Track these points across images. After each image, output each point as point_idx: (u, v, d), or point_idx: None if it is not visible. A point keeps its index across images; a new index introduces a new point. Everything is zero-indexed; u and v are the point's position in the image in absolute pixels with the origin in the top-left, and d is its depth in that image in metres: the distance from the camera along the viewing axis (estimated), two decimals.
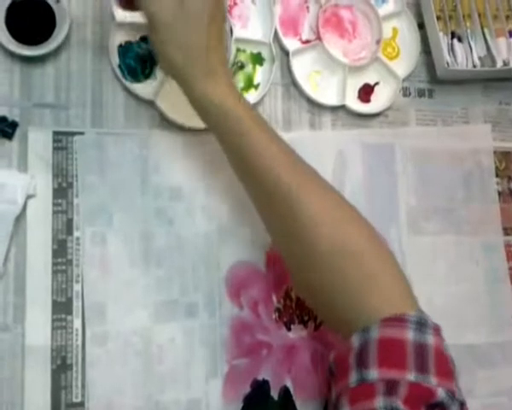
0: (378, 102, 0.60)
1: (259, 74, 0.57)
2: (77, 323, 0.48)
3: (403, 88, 0.61)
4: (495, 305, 0.58)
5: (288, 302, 0.53)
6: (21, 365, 0.46)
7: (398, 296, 0.41)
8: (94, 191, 0.50)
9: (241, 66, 0.56)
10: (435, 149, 0.60)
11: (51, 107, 0.51)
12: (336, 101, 0.58)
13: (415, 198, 0.59)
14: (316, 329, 0.53)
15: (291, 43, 0.58)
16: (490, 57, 0.62)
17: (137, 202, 0.51)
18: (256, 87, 0.56)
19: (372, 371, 0.36)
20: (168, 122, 0.53)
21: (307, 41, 0.59)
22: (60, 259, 0.48)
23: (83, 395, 0.47)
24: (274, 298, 0.53)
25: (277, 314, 0.52)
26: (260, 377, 0.51)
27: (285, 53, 0.58)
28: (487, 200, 0.61)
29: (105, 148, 0.51)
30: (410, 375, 0.36)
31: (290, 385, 0.51)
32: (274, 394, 0.51)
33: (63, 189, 0.50)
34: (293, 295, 0.53)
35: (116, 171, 0.51)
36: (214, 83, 0.43)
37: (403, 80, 0.61)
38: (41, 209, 0.49)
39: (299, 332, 0.53)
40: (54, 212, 0.49)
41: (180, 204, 0.52)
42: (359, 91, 0.59)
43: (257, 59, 0.57)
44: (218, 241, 0.52)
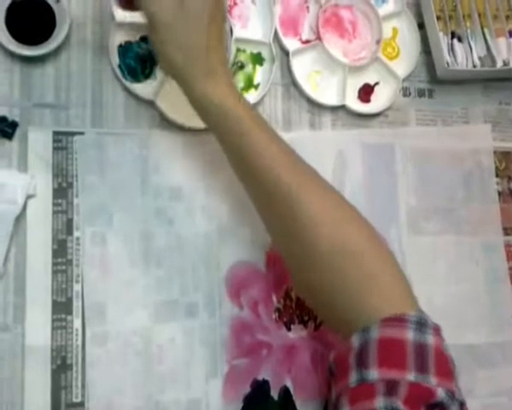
0: (378, 102, 0.60)
1: (259, 74, 0.56)
2: (77, 323, 0.48)
3: (403, 88, 0.61)
4: (495, 305, 0.58)
5: (288, 302, 0.53)
6: (21, 365, 0.46)
7: (398, 296, 0.41)
8: (94, 191, 0.50)
9: (241, 66, 0.56)
10: (435, 149, 0.60)
11: (51, 107, 0.51)
12: (336, 101, 0.58)
13: (415, 198, 0.58)
14: (316, 329, 0.53)
15: (291, 43, 0.58)
16: (490, 57, 0.62)
17: (137, 202, 0.51)
18: (256, 87, 0.56)
19: (372, 371, 0.36)
20: (168, 122, 0.53)
21: (307, 41, 0.59)
22: (60, 259, 0.48)
23: (83, 395, 0.47)
24: (274, 298, 0.53)
25: (277, 314, 0.52)
26: (260, 377, 0.51)
27: (285, 53, 0.58)
28: (487, 200, 0.61)
29: (105, 148, 0.51)
30: (410, 375, 0.36)
31: (290, 385, 0.51)
32: (274, 394, 0.51)
33: (63, 189, 0.50)
34: (293, 295, 0.53)
35: (116, 171, 0.51)
36: (214, 83, 0.43)
37: (403, 80, 0.61)
38: (41, 209, 0.49)
39: (299, 332, 0.53)
40: (54, 212, 0.49)
41: (180, 204, 0.52)
42: (359, 91, 0.59)
43: (257, 59, 0.57)
44: (218, 241, 0.52)
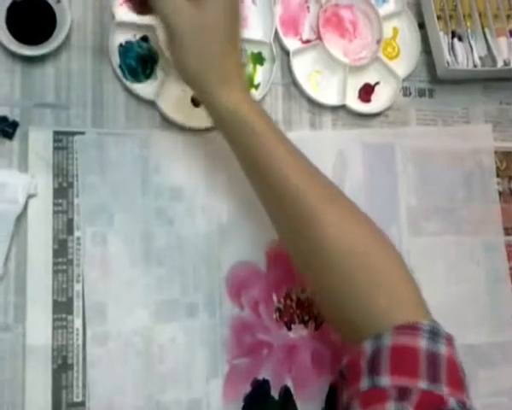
0: (378, 102, 0.60)
1: (260, 74, 0.56)
2: (77, 323, 0.48)
3: (403, 88, 0.61)
4: (495, 305, 0.58)
5: (289, 302, 0.53)
6: (22, 364, 0.46)
7: (409, 302, 0.41)
8: (94, 191, 0.50)
9: None
10: (436, 149, 0.60)
11: (52, 107, 0.51)
12: (337, 101, 0.58)
13: (415, 198, 0.58)
14: (316, 329, 0.53)
15: (291, 42, 0.58)
16: (490, 57, 0.62)
17: (138, 202, 0.51)
18: (256, 87, 0.56)
19: (384, 378, 0.36)
20: (169, 122, 0.53)
21: (308, 41, 0.59)
22: (60, 259, 0.48)
23: (84, 395, 0.47)
24: (274, 298, 0.53)
25: (278, 314, 0.52)
26: (261, 376, 0.51)
27: (285, 53, 0.58)
28: (488, 200, 0.61)
29: (105, 148, 0.51)
30: (422, 383, 0.36)
31: (291, 385, 0.51)
32: (274, 393, 0.51)
33: (64, 189, 0.50)
34: (293, 295, 0.53)
35: (117, 171, 0.51)
36: (229, 89, 0.43)
37: (403, 80, 0.61)
38: (42, 209, 0.49)
39: (299, 332, 0.53)
40: (54, 212, 0.49)
41: (181, 204, 0.52)
42: (360, 91, 0.59)
43: (257, 59, 0.57)
44: (219, 241, 0.52)
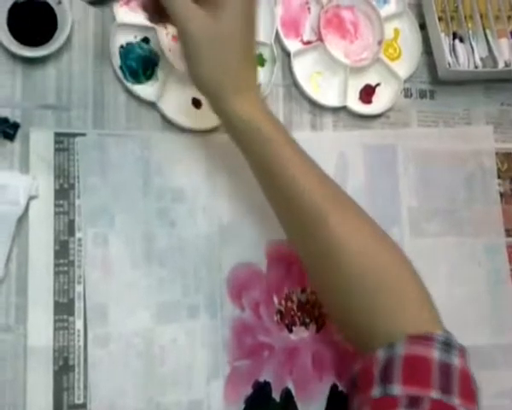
0: (379, 104, 0.59)
1: (261, 75, 0.56)
2: (79, 324, 0.48)
3: (404, 89, 0.61)
4: (497, 306, 0.58)
5: (290, 304, 0.53)
6: (23, 366, 0.46)
7: (422, 313, 0.41)
8: (95, 192, 0.50)
9: None
10: (437, 151, 0.60)
11: (53, 108, 0.51)
12: (337, 102, 0.58)
13: (416, 199, 0.58)
14: (317, 331, 0.53)
15: (292, 44, 0.58)
16: (492, 58, 0.62)
17: (139, 204, 0.51)
18: None
19: (396, 386, 0.36)
20: (169, 124, 0.53)
21: (308, 42, 0.59)
22: (62, 260, 0.48)
23: (85, 397, 0.47)
24: (275, 299, 0.53)
25: (279, 316, 0.52)
26: (262, 378, 0.51)
27: (286, 54, 0.58)
28: (489, 201, 0.60)
29: (106, 149, 0.51)
30: (434, 393, 0.36)
31: (292, 387, 0.51)
32: (275, 395, 0.51)
33: (65, 190, 0.50)
34: (294, 296, 0.53)
35: (118, 172, 0.51)
36: (243, 98, 0.43)
37: (404, 81, 0.61)
38: (43, 210, 0.49)
39: (300, 334, 0.52)
40: (56, 213, 0.49)
41: (182, 205, 0.52)
42: (361, 92, 0.59)
43: (258, 60, 0.57)
44: (220, 242, 0.52)
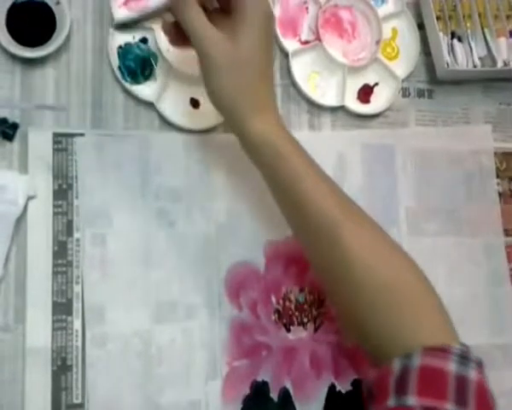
0: (377, 103, 0.59)
1: None
2: (77, 324, 0.48)
3: (402, 89, 0.61)
4: (496, 306, 0.58)
5: (288, 304, 0.53)
6: (22, 366, 0.46)
7: (439, 324, 0.41)
8: (94, 193, 0.50)
9: None
10: (435, 150, 0.60)
11: (51, 108, 0.51)
12: (336, 102, 0.58)
13: (415, 199, 0.58)
14: (315, 331, 0.53)
15: (290, 44, 0.58)
16: (490, 57, 0.62)
17: (137, 204, 0.51)
18: None
19: (411, 398, 0.36)
20: (168, 124, 0.53)
21: (306, 42, 0.59)
22: (60, 260, 0.48)
23: (83, 397, 0.47)
24: (273, 299, 0.53)
25: (276, 316, 0.52)
26: (260, 378, 0.51)
27: (284, 54, 0.58)
28: (488, 201, 0.60)
29: (105, 149, 0.51)
30: (449, 406, 0.35)
31: (290, 387, 0.51)
32: (273, 395, 0.51)
33: (63, 190, 0.50)
34: (292, 296, 0.53)
35: (116, 172, 0.51)
36: (260, 118, 0.44)
37: (402, 81, 0.60)
38: (41, 211, 0.49)
39: (298, 334, 0.52)
40: (54, 213, 0.49)
41: (180, 205, 0.52)
42: (359, 92, 0.59)
43: None
44: (218, 242, 0.52)
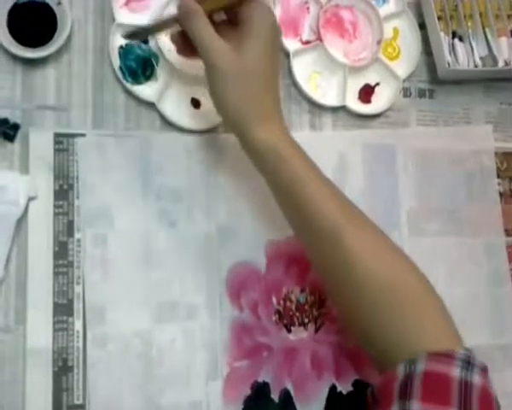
0: (379, 103, 0.59)
1: None
2: (78, 325, 0.48)
3: (403, 88, 0.61)
4: (497, 307, 0.58)
5: (288, 304, 0.53)
6: (23, 367, 0.46)
7: (443, 329, 0.41)
8: (95, 193, 0.50)
9: None
10: (436, 150, 0.60)
11: (52, 108, 0.51)
12: (337, 101, 0.58)
13: (416, 199, 0.58)
14: (316, 331, 0.53)
15: (291, 43, 0.58)
16: (491, 57, 0.62)
17: (138, 204, 0.51)
18: None
19: (415, 403, 0.36)
20: (169, 124, 0.53)
21: (307, 42, 0.59)
22: (61, 260, 0.48)
23: (84, 397, 0.47)
24: (274, 300, 0.53)
25: (277, 316, 0.52)
26: (261, 379, 0.51)
27: (285, 54, 0.58)
28: (489, 201, 0.60)
29: (106, 149, 0.51)
30: None
31: (290, 387, 0.51)
32: (274, 396, 0.51)
33: (64, 190, 0.50)
34: (293, 297, 0.53)
35: (117, 172, 0.51)
36: (266, 127, 0.44)
37: (403, 81, 0.60)
38: (42, 211, 0.49)
39: (299, 334, 0.52)
40: (55, 213, 0.49)
41: (181, 206, 0.52)
42: (360, 92, 0.59)
43: None
44: (219, 242, 0.52)
